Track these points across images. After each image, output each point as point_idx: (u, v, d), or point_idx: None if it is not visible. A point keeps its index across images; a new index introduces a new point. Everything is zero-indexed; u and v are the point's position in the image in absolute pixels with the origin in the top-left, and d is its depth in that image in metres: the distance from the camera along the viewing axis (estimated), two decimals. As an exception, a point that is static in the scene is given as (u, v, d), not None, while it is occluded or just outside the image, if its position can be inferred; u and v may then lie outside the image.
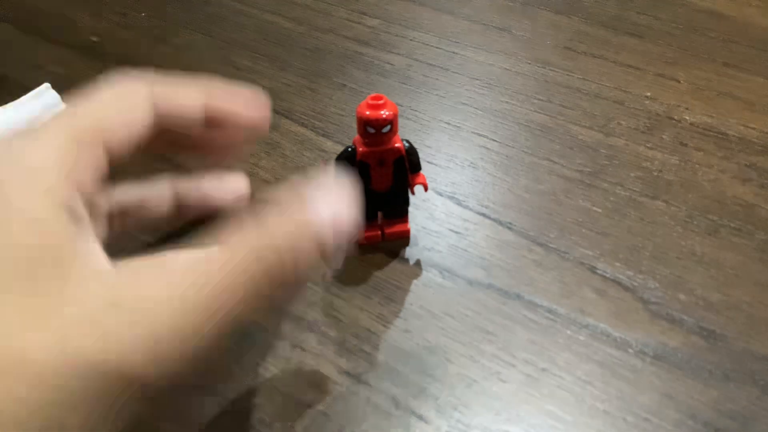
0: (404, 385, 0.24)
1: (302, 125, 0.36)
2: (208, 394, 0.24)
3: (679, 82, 0.39)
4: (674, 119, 0.36)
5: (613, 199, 0.31)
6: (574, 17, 0.45)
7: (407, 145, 0.27)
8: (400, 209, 0.29)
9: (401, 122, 0.35)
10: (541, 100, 0.38)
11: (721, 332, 0.26)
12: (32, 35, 0.44)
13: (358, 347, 0.25)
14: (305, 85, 0.39)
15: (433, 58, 0.41)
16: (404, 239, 0.29)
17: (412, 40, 0.43)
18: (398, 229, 0.29)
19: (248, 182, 0.27)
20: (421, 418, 0.23)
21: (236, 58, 0.41)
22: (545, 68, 0.40)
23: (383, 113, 0.25)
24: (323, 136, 0.35)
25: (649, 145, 0.34)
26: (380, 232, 0.29)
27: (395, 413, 0.23)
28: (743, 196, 0.31)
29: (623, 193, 0.32)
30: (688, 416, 0.23)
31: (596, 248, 0.29)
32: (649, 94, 0.38)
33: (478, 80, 0.39)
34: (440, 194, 0.32)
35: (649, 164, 0.33)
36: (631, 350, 0.25)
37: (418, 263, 0.28)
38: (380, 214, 0.29)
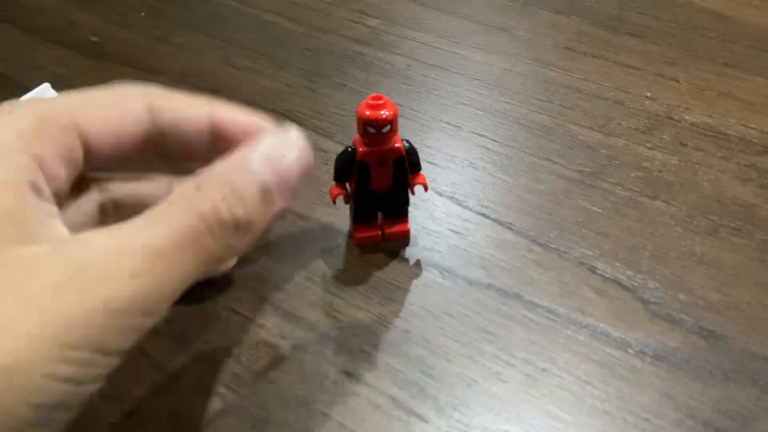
0: (404, 385, 0.24)
1: (302, 125, 0.36)
2: (208, 394, 0.24)
3: (679, 82, 0.39)
4: (674, 119, 0.36)
5: (613, 199, 0.31)
6: (574, 17, 0.45)
7: (407, 145, 0.27)
8: (400, 209, 0.29)
9: (401, 122, 0.35)
10: (541, 100, 0.38)
11: (721, 332, 0.26)
12: (32, 35, 0.44)
13: (358, 347, 0.25)
14: (305, 85, 0.39)
15: (433, 58, 0.41)
16: (404, 239, 0.29)
17: (412, 40, 0.43)
18: (398, 229, 0.29)
19: None
20: (421, 418, 0.23)
21: (236, 58, 0.41)
22: (545, 68, 0.40)
23: (383, 113, 0.25)
24: (323, 136, 0.35)
25: (649, 145, 0.34)
26: (380, 232, 0.29)
27: (395, 413, 0.23)
28: (743, 196, 0.31)
29: (623, 193, 0.32)
30: (687, 416, 0.23)
31: (596, 248, 0.29)
32: (649, 94, 0.38)
33: (478, 80, 0.39)
34: (440, 194, 0.32)
35: (649, 164, 0.33)
36: (630, 350, 0.25)
37: (418, 263, 0.28)
38: (380, 214, 0.29)
